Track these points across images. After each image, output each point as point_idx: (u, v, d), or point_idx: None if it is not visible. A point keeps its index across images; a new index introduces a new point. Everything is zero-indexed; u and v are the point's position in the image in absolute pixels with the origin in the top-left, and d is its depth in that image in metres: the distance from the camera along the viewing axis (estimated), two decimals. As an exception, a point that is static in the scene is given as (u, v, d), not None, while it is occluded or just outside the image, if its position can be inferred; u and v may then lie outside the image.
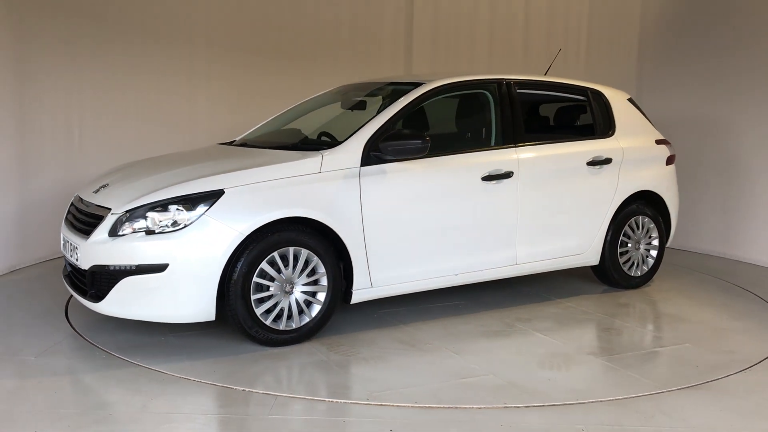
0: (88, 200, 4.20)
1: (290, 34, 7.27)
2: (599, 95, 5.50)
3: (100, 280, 3.84)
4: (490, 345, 4.16)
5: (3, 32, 5.43)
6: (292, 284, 3.99)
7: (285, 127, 5.25)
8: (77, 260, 3.95)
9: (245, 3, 7.11)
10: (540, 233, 4.92)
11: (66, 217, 4.37)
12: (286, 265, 3.95)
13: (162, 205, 3.77)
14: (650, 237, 5.55)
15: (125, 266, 3.73)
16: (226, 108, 6.97)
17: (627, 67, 7.73)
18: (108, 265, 3.78)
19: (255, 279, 3.86)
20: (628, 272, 5.46)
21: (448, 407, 3.26)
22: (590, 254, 5.24)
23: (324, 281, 4.07)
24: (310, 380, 3.64)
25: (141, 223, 3.78)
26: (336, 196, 4.07)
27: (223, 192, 3.81)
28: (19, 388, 3.42)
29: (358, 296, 4.24)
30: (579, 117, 5.55)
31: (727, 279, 6.00)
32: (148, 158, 4.97)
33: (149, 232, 3.74)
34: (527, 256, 4.89)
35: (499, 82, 4.96)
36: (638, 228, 5.45)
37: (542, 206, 4.89)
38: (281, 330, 3.99)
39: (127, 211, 3.81)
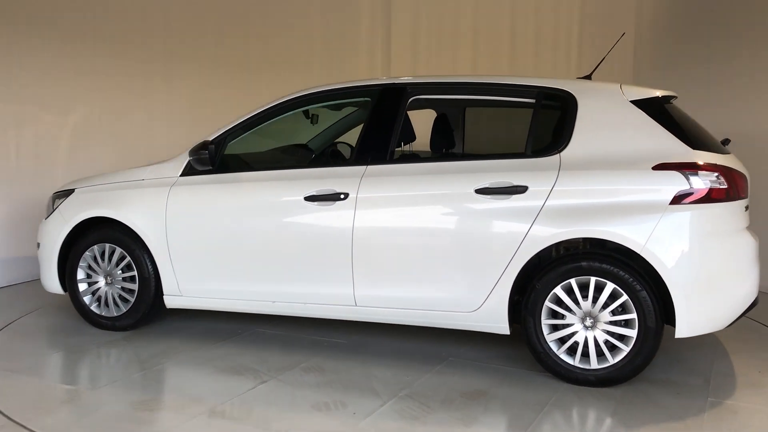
0: None
1: (258, 42, 6.69)
2: (561, 98, 3.78)
3: None
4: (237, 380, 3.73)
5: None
6: (112, 277, 4.49)
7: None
8: None
9: (205, 9, 6.61)
10: (390, 275, 3.85)
11: None
12: (110, 259, 4.48)
13: (53, 198, 4.82)
14: (622, 312, 3.51)
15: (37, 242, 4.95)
16: (185, 120, 6.76)
17: (623, 67, 4.64)
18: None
19: (79, 265, 4.54)
20: (568, 360, 3.60)
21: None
22: (486, 317, 3.72)
23: (135, 279, 4.41)
24: (53, 358, 4.14)
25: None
26: (147, 202, 4.34)
27: (73, 191, 4.64)
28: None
29: (169, 301, 4.38)
30: (506, 128, 3.93)
31: None
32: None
33: (47, 217, 4.86)
34: (370, 299, 3.91)
35: (384, 87, 4.10)
36: (587, 297, 3.53)
37: (393, 241, 3.83)
38: (104, 316, 4.54)
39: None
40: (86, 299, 4.58)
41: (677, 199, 3.41)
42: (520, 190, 3.60)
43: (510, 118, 4.68)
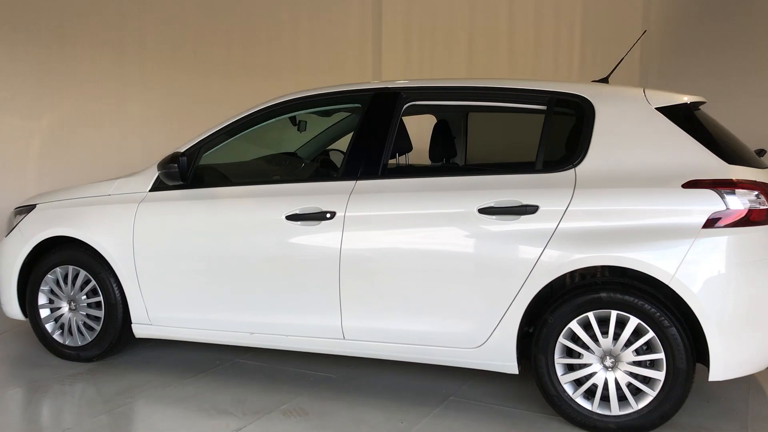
0: None
1: (241, 45, 6.28)
2: (576, 104, 3.33)
3: None
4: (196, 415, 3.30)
5: None
6: (75, 302, 4.05)
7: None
8: None
9: (183, 8, 6.15)
10: (382, 305, 3.40)
11: None
12: (73, 283, 4.04)
13: (14, 214, 4.38)
14: (648, 351, 3.06)
15: None
16: (162, 127, 6.27)
17: (629, 69, 4.21)
18: None
19: (41, 289, 4.11)
20: (585, 405, 3.15)
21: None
22: (491, 354, 3.28)
23: (101, 305, 3.97)
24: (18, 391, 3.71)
25: None
26: (112, 221, 3.91)
27: (35, 206, 4.20)
28: None
29: (138, 331, 3.94)
30: (513, 138, 3.49)
31: None
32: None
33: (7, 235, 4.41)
34: (360, 332, 3.47)
35: (376, 92, 3.64)
36: (607, 333, 3.08)
37: (386, 266, 3.38)
38: (68, 345, 4.09)
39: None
40: (48, 326, 4.13)
41: (711, 222, 2.95)
42: (530, 210, 3.15)
43: (518, 127, 4.23)
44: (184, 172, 3.68)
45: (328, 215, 3.44)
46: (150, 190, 3.88)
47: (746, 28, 5.83)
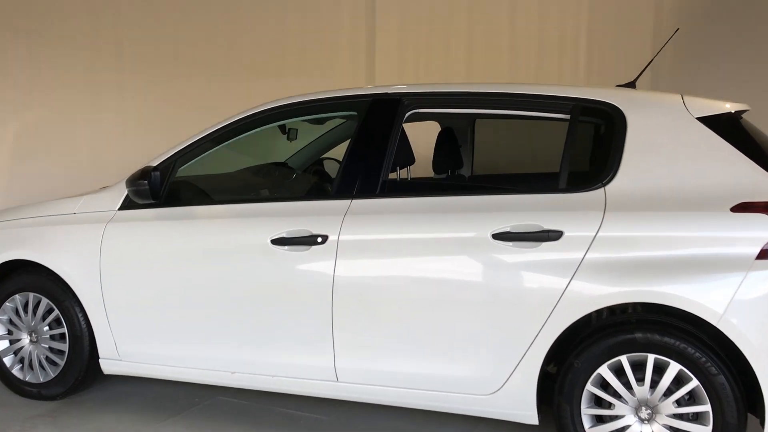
0: None
1: (223, 45, 5.91)
2: (604, 113, 2.89)
3: None
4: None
5: None
6: (36, 334, 3.62)
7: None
8: None
9: (161, 5, 5.75)
10: (381, 343, 2.97)
11: None
12: (34, 312, 3.61)
13: None
14: (691, 402, 2.63)
15: None
16: (139, 133, 5.81)
17: (638, 69, 3.72)
18: None
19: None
20: (615, 462, 2.72)
21: None
22: (507, 402, 2.85)
23: (66, 337, 3.53)
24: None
25: None
26: (77, 243, 3.47)
27: (-9, 226, 3.76)
28: None
29: (107, 366, 3.50)
30: (531, 152, 3.06)
31: None
32: None
33: None
34: (356, 374, 3.04)
35: (374, 99, 3.20)
36: (643, 380, 2.65)
37: (385, 298, 2.94)
38: (26, 381, 3.66)
39: None
40: (7, 360, 3.69)
41: (766, 253, 2.52)
42: (553, 236, 2.71)
43: (532, 135, 3.80)
44: (156, 189, 3.24)
45: (320, 239, 3.00)
46: (119, 209, 3.44)
47: (764, 29, 5.42)
